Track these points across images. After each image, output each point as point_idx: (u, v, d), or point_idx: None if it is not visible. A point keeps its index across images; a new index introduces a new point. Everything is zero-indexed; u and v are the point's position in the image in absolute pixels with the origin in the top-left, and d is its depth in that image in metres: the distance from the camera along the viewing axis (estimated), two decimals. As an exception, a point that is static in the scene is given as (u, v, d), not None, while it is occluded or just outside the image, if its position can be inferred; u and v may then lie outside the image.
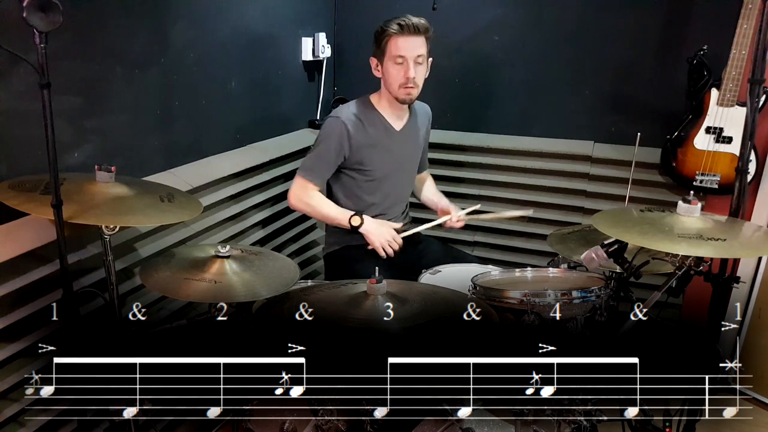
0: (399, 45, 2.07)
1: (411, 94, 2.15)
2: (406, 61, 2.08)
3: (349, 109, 2.21)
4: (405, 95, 2.15)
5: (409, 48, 2.07)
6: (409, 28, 2.05)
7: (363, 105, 2.24)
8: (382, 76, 2.16)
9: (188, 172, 2.07)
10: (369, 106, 2.23)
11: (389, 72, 2.12)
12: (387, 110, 2.24)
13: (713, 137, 2.30)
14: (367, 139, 2.19)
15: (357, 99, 2.27)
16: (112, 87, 1.81)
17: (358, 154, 2.19)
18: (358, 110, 2.21)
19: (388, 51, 2.09)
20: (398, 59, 2.08)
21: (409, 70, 2.09)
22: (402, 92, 2.14)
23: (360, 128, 2.18)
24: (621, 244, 1.60)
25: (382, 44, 2.10)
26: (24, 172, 1.51)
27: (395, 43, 2.07)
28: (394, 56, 2.08)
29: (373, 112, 2.23)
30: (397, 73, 2.10)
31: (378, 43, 2.12)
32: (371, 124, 2.21)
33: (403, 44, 2.07)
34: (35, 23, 1.14)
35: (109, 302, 1.51)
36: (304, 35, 2.73)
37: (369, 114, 2.22)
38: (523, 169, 2.78)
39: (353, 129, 2.16)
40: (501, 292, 1.64)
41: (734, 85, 2.21)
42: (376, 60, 2.16)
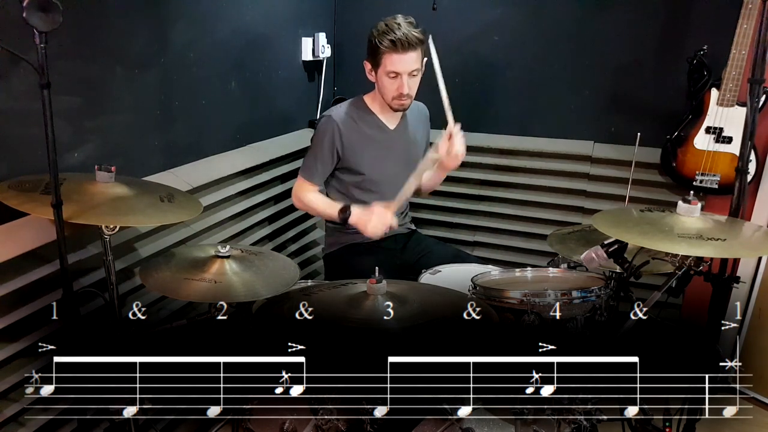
0: (393, 61, 2.04)
1: (404, 105, 2.15)
2: (400, 77, 2.07)
3: (342, 108, 2.22)
4: (398, 105, 2.15)
5: (403, 64, 2.05)
6: (403, 45, 2.01)
7: (356, 104, 2.24)
8: (376, 82, 2.16)
9: (188, 172, 2.07)
10: (362, 106, 2.23)
11: (383, 83, 2.12)
12: (380, 110, 2.23)
13: (713, 137, 2.30)
14: (360, 137, 2.19)
15: (351, 99, 2.27)
16: (112, 87, 1.81)
17: (352, 153, 2.18)
18: (350, 109, 2.21)
19: (382, 65, 2.07)
20: (392, 74, 2.07)
21: (403, 86, 2.08)
22: (395, 103, 2.14)
23: (352, 127, 2.18)
24: (621, 244, 1.60)
25: (376, 56, 2.08)
26: (24, 172, 1.51)
27: (389, 59, 2.05)
28: (388, 71, 2.07)
29: (366, 112, 2.22)
30: (391, 86, 2.10)
31: (372, 53, 2.09)
32: (364, 122, 2.21)
33: (398, 60, 2.04)
34: (35, 23, 1.14)
35: (109, 302, 1.51)
36: (304, 35, 2.73)
37: (362, 113, 2.22)
38: (523, 169, 2.78)
39: (344, 127, 2.16)
40: (501, 292, 1.64)
41: (734, 85, 2.21)
42: (369, 65, 2.14)
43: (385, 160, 2.24)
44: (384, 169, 2.24)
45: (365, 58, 2.14)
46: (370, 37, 2.08)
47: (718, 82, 2.26)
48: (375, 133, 2.22)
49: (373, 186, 2.24)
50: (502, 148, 2.79)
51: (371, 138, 2.21)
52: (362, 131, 2.20)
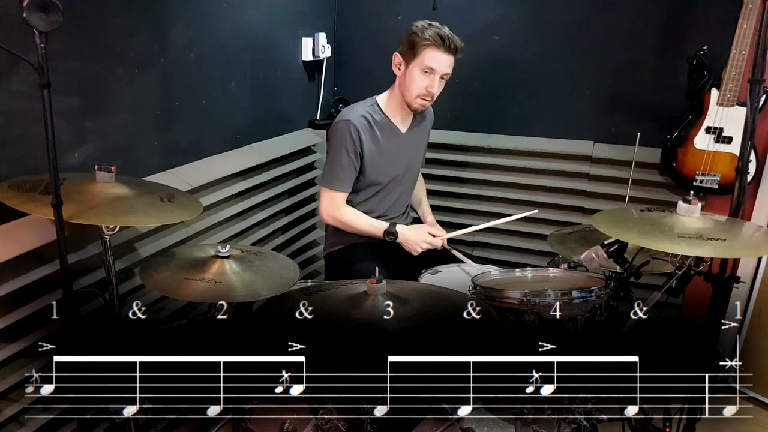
0: (435, 57, 2.01)
1: (425, 106, 2.14)
2: (434, 75, 2.04)
3: (357, 111, 2.16)
4: (419, 105, 2.12)
5: (442, 63, 2.03)
6: (447, 45, 2.00)
7: (370, 107, 2.18)
8: (403, 77, 2.10)
9: (188, 172, 2.07)
10: (376, 108, 2.18)
11: (413, 78, 2.06)
12: (394, 112, 2.19)
13: (713, 137, 2.30)
14: (375, 141, 2.15)
15: (363, 101, 2.22)
16: (112, 87, 1.81)
17: (367, 157, 2.14)
18: (365, 112, 2.15)
19: (420, 58, 2.03)
20: (428, 69, 2.03)
21: (434, 86, 2.06)
22: (418, 102, 2.10)
23: (369, 130, 2.14)
24: (621, 244, 1.60)
25: (416, 48, 2.03)
26: (24, 172, 1.51)
27: (432, 55, 2.01)
28: (425, 66, 2.03)
29: (380, 114, 2.18)
30: (421, 83, 2.06)
31: (411, 45, 2.04)
32: (379, 126, 2.16)
33: (439, 58, 2.02)
34: (35, 23, 1.14)
35: (109, 302, 1.51)
36: (304, 35, 2.73)
37: (377, 115, 2.17)
38: (524, 169, 2.78)
39: (363, 131, 2.11)
40: (501, 292, 1.64)
41: (734, 85, 2.21)
42: (401, 58, 2.09)
43: (393, 163, 2.22)
44: (391, 172, 2.23)
45: (397, 51, 2.10)
46: (408, 31, 2.05)
47: (718, 82, 2.26)
48: (387, 136, 2.19)
49: (378, 187, 2.23)
50: (502, 148, 2.79)
51: (383, 141, 2.17)
52: (376, 135, 2.16)
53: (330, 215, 2.16)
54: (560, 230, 2.01)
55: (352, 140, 2.09)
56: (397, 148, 2.22)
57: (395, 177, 2.25)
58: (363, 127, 2.12)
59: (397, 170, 2.24)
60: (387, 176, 2.22)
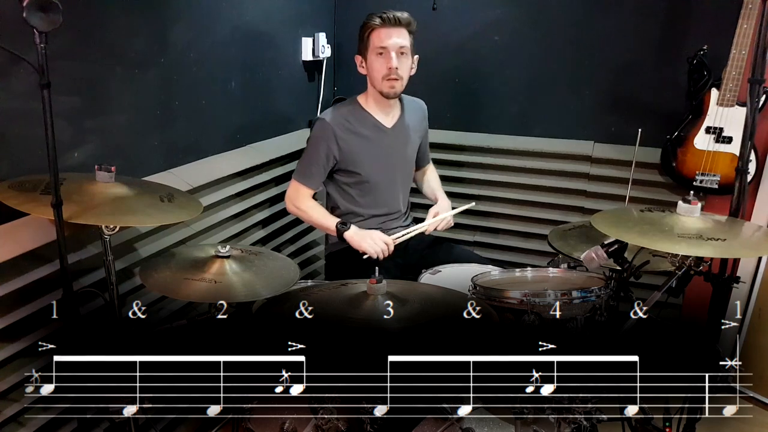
0: (381, 36, 2.09)
1: (395, 87, 2.14)
2: (388, 52, 2.09)
3: (336, 110, 2.21)
4: (389, 88, 2.14)
5: (391, 39, 2.09)
6: (390, 20, 2.08)
7: (351, 105, 2.23)
8: (367, 72, 2.17)
9: (188, 172, 2.07)
10: (357, 106, 2.23)
11: (372, 66, 2.13)
12: (375, 108, 2.23)
13: (713, 137, 2.30)
14: (357, 139, 2.18)
15: (345, 100, 2.28)
16: (112, 87, 1.81)
17: (349, 155, 2.18)
18: (345, 111, 2.21)
19: (371, 44, 2.11)
20: (380, 50, 2.10)
21: (391, 60, 2.09)
22: (386, 85, 2.13)
23: (348, 128, 2.17)
24: (621, 244, 1.60)
25: (364, 38, 2.12)
26: (24, 172, 1.51)
27: (377, 35, 2.09)
28: (376, 48, 2.10)
29: (361, 112, 2.22)
30: (380, 65, 2.11)
31: (361, 38, 2.14)
32: (360, 123, 2.20)
33: (386, 35, 2.08)
34: (35, 23, 1.14)
35: (109, 302, 1.51)
36: (304, 35, 2.73)
37: (358, 113, 2.21)
38: (523, 169, 2.78)
39: (340, 130, 2.16)
40: (501, 292, 1.64)
41: (734, 85, 2.21)
42: (360, 57, 2.18)
43: (382, 160, 2.24)
44: (381, 169, 2.24)
45: (356, 53, 2.18)
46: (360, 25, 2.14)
47: (718, 82, 2.26)
48: (372, 133, 2.22)
49: (370, 185, 2.24)
50: (502, 148, 2.79)
51: (368, 138, 2.21)
52: (359, 132, 2.19)
53: (291, 203, 2.24)
54: (561, 227, 2.01)
55: (326, 140, 2.15)
56: (384, 144, 2.24)
57: (387, 172, 2.26)
58: (339, 126, 2.16)
59: (387, 166, 2.25)
60: (377, 172, 2.24)
